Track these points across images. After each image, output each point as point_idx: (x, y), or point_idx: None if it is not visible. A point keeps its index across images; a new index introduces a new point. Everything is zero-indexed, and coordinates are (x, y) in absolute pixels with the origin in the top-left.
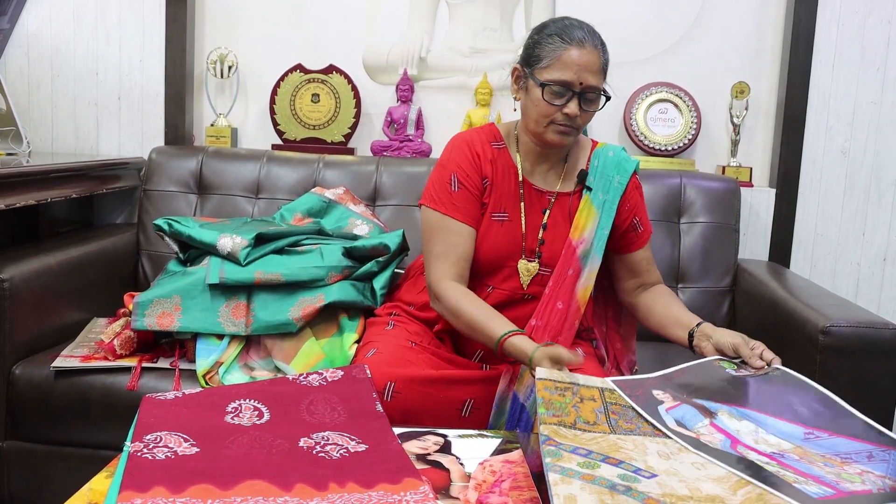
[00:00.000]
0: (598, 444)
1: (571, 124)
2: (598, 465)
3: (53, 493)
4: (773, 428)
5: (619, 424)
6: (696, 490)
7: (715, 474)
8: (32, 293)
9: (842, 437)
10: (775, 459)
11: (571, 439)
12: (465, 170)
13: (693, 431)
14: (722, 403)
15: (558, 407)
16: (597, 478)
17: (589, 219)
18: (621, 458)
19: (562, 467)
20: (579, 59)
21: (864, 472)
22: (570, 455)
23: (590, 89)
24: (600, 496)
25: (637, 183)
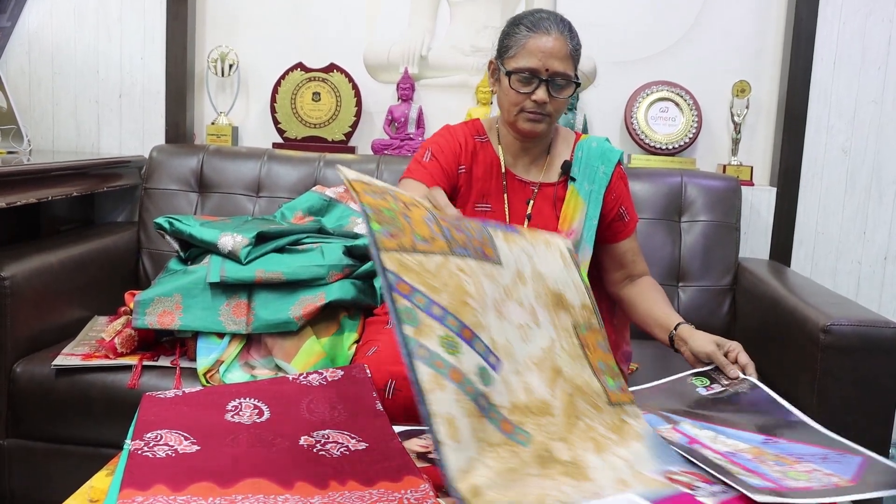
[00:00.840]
0: (446, 285)
1: (541, 111)
2: (459, 346)
3: (54, 490)
4: (733, 435)
5: (453, 236)
6: (528, 391)
7: (535, 352)
8: (33, 291)
9: (802, 443)
10: (726, 457)
11: (419, 273)
12: (442, 149)
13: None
14: (687, 418)
15: (388, 218)
16: (463, 377)
17: (577, 210)
18: (472, 325)
19: (428, 350)
20: (544, 46)
21: (813, 470)
22: (428, 321)
23: (557, 75)
24: (473, 422)
25: (622, 173)
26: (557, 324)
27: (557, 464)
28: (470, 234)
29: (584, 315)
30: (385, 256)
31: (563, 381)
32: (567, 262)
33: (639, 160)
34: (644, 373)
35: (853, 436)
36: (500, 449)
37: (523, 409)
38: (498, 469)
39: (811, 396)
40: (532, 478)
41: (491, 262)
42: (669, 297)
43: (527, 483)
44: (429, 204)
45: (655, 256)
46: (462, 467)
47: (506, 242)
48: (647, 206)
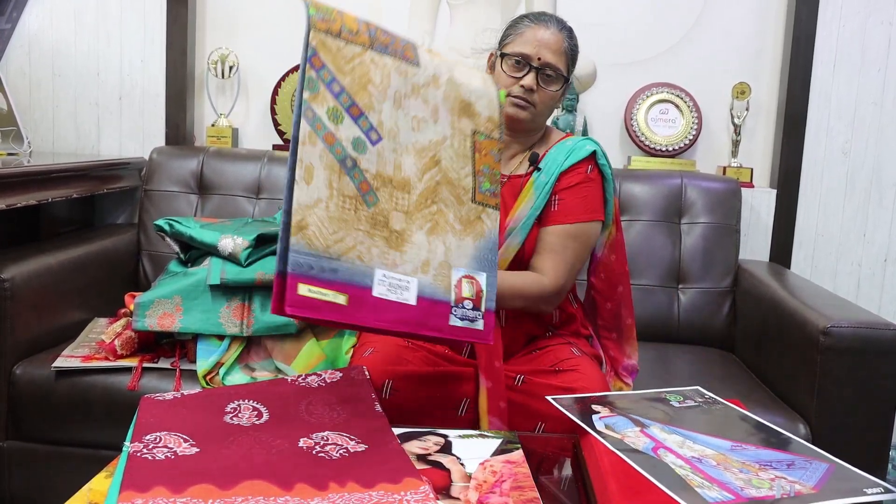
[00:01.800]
0: (353, 70)
1: (527, 98)
2: (343, 119)
3: (54, 492)
4: (701, 440)
5: (377, 35)
6: (398, 169)
7: (422, 142)
8: (33, 293)
9: (769, 449)
10: (691, 464)
11: (334, 55)
12: None
13: (620, 434)
14: (657, 422)
15: (324, 9)
16: (336, 141)
17: (525, 199)
18: (363, 105)
19: (314, 113)
20: (539, 36)
21: (777, 477)
22: (325, 93)
23: (548, 66)
24: (330, 176)
25: (584, 172)
26: (456, 125)
27: (385, 229)
28: (395, 38)
29: (487, 126)
30: (313, 33)
31: (438, 171)
32: (487, 83)
33: (639, 162)
34: (644, 374)
35: (853, 437)
36: (348, 201)
37: (385, 179)
38: (332, 216)
39: (811, 398)
40: (356, 231)
41: (408, 62)
42: (669, 300)
43: (348, 233)
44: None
45: (655, 259)
46: (305, 203)
47: (429, 54)
48: (647, 208)
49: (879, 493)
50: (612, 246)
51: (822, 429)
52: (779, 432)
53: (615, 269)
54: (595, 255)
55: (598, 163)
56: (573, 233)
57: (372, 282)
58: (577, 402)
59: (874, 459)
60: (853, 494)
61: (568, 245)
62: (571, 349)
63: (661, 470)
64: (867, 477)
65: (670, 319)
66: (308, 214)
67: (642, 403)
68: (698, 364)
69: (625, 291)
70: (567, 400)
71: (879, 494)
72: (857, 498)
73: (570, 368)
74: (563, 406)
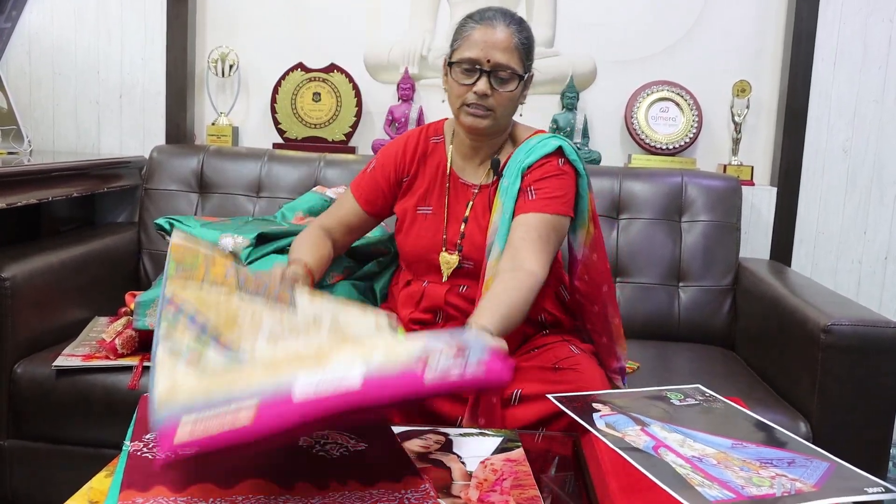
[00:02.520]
0: (218, 310)
1: (483, 104)
2: (208, 344)
3: (55, 491)
4: (701, 439)
5: (247, 285)
6: (284, 350)
7: (315, 343)
8: (34, 292)
9: (770, 447)
10: (691, 463)
11: (194, 299)
12: (385, 163)
13: (620, 432)
14: (658, 420)
15: (189, 265)
16: (202, 360)
17: (496, 209)
18: (232, 339)
19: (173, 343)
20: (486, 37)
21: (777, 475)
22: (186, 328)
23: (500, 67)
24: (199, 376)
25: (556, 164)
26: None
27: (295, 361)
28: (268, 286)
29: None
30: (169, 283)
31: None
32: (381, 327)
33: (639, 160)
34: (644, 372)
35: (854, 435)
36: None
37: (269, 359)
38: (215, 372)
39: (811, 396)
40: (249, 374)
41: (282, 306)
42: (670, 298)
43: (239, 377)
44: (234, 262)
45: (656, 257)
46: (167, 386)
47: (310, 298)
48: (648, 206)
49: (880, 492)
50: (592, 245)
51: (823, 427)
52: (779, 430)
53: (598, 268)
54: (576, 257)
55: (569, 158)
56: (554, 224)
57: (292, 387)
58: (577, 400)
59: (875, 457)
60: (854, 493)
61: (551, 235)
62: (570, 346)
63: (662, 468)
64: (868, 476)
65: (671, 317)
66: (178, 386)
67: (643, 402)
68: (699, 362)
69: (609, 291)
70: (567, 398)
71: (880, 494)
72: (858, 497)
73: (569, 367)
74: (564, 404)
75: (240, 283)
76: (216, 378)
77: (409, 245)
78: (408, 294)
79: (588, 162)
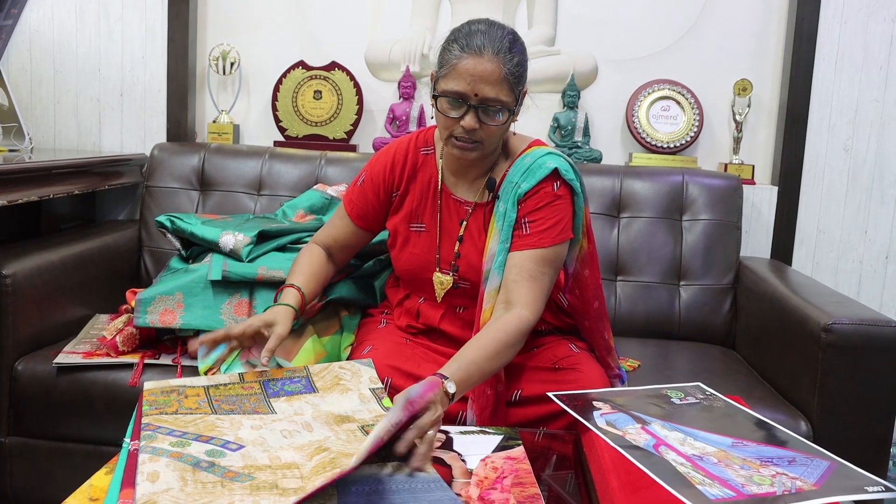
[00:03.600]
0: (196, 425)
1: (472, 138)
2: (189, 444)
3: (56, 488)
4: (702, 437)
5: (221, 407)
6: (275, 459)
7: (299, 442)
8: (35, 289)
9: (770, 445)
10: (692, 461)
11: (171, 423)
12: (374, 177)
13: (621, 430)
14: (658, 419)
15: (161, 402)
16: (184, 455)
17: (492, 234)
18: (213, 435)
19: (153, 448)
20: (474, 69)
21: (778, 474)
22: (164, 437)
23: (488, 101)
24: (182, 473)
25: (551, 190)
26: (337, 428)
27: (276, 489)
28: (242, 405)
29: (376, 419)
30: (144, 417)
31: (329, 453)
32: (365, 398)
33: (640, 159)
34: (645, 371)
35: (854, 434)
36: (209, 486)
37: (260, 467)
38: (189, 494)
39: (812, 395)
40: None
41: (261, 414)
42: (671, 296)
43: (217, 498)
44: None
45: (656, 255)
46: (153, 491)
47: (288, 401)
48: (649, 205)
49: (880, 491)
50: (584, 260)
51: (824, 425)
52: (780, 429)
53: (588, 284)
54: (567, 271)
55: (566, 178)
56: (548, 257)
57: None
58: (578, 398)
59: (875, 456)
60: (854, 492)
61: (545, 271)
62: (569, 345)
63: (663, 467)
64: (868, 475)
65: (671, 316)
66: (158, 499)
67: (643, 400)
68: (699, 361)
69: (600, 307)
70: (568, 396)
71: (880, 493)
72: (859, 495)
73: (569, 367)
74: (565, 402)
75: (214, 408)
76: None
77: (402, 263)
78: (404, 309)
79: (589, 160)
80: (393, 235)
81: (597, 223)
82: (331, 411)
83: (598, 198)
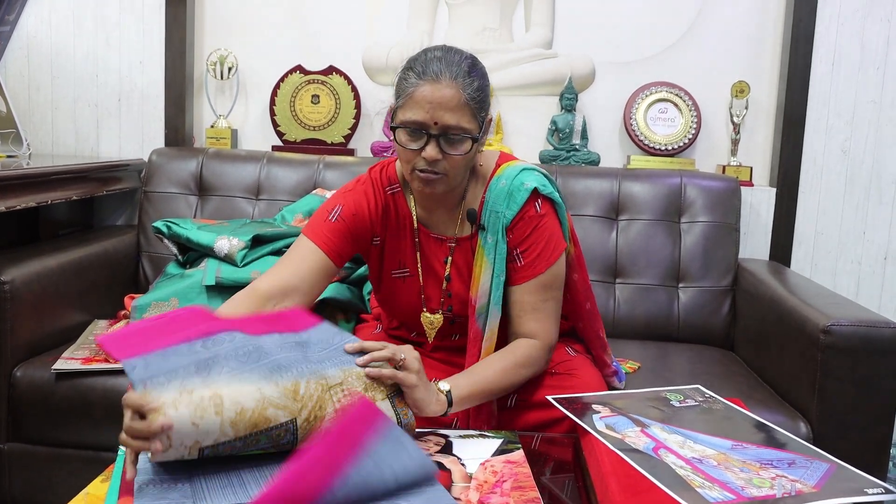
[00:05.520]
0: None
1: (436, 169)
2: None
3: (54, 494)
4: (701, 440)
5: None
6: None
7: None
8: (33, 295)
9: (770, 448)
10: (691, 464)
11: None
12: (356, 214)
13: (620, 434)
14: (658, 421)
15: None
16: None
17: (483, 268)
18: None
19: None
20: (432, 96)
21: (778, 476)
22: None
23: (449, 129)
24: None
25: (534, 213)
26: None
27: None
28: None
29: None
30: None
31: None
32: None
33: (638, 161)
34: (644, 373)
35: (853, 436)
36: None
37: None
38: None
39: (811, 397)
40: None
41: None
42: (669, 299)
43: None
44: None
45: (655, 258)
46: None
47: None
48: (647, 208)
49: (880, 493)
50: (571, 265)
51: (823, 427)
52: (779, 431)
53: (579, 288)
54: None
55: (544, 193)
56: (548, 282)
57: None
58: (577, 401)
59: (875, 457)
60: (854, 494)
61: (548, 297)
62: (566, 348)
63: (662, 470)
64: (868, 477)
65: (670, 318)
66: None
67: (643, 403)
68: (698, 363)
69: (592, 307)
70: (567, 400)
71: (880, 494)
72: (858, 497)
73: (566, 371)
74: (564, 406)
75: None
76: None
77: (388, 308)
78: (395, 336)
79: (587, 163)
80: (375, 281)
81: (595, 226)
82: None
83: (596, 200)
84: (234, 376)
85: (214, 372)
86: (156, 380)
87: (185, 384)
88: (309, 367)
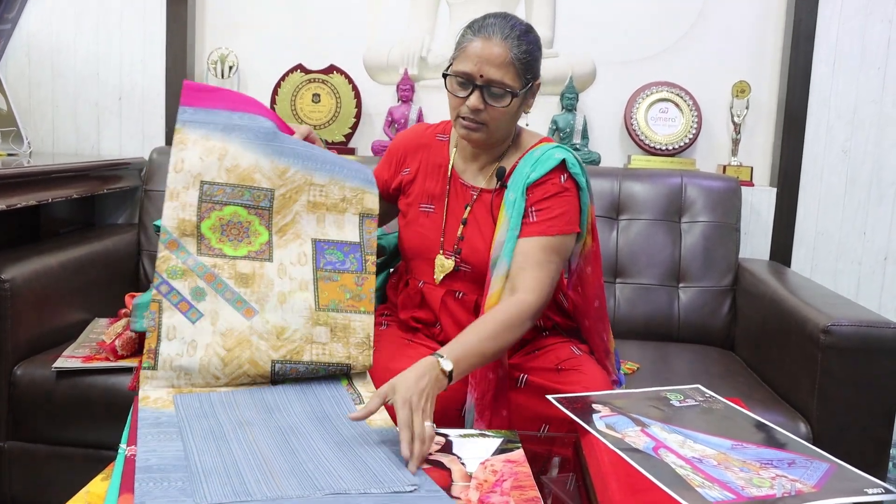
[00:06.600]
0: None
1: (476, 118)
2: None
3: (55, 493)
4: (701, 440)
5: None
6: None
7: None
8: (34, 294)
9: (770, 448)
10: (691, 464)
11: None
12: (393, 151)
13: (620, 433)
14: (658, 421)
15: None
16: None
17: (502, 221)
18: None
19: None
20: (481, 51)
21: (778, 476)
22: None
23: (493, 83)
24: None
25: (557, 182)
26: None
27: None
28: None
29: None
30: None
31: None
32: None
33: (639, 161)
34: (644, 373)
35: (853, 436)
36: None
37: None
38: None
39: (811, 397)
40: None
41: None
42: (670, 298)
43: None
44: None
45: (655, 257)
46: None
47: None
48: (647, 207)
49: (880, 493)
50: (587, 257)
51: (823, 427)
52: (779, 431)
53: (591, 283)
54: (570, 267)
55: (572, 172)
56: (555, 246)
57: None
58: (577, 401)
59: (875, 457)
60: (854, 494)
61: (551, 259)
62: (571, 348)
63: (662, 469)
64: (867, 477)
65: (670, 318)
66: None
67: (643, 402)
68: (699, 363)
69: (601, 307)
70: (567, 399)
71: (880, 494)
72: (858, 497)
73: (572, 368)
74: (564, 405)
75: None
76: None
77: (408, 241)
78: (407, 296)
79: (588, 163)
80: (404, 213)
81: (596, 225)
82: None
83: (597, 200)
84: (244, 144)
85: (234, 136)
86: (191, 125)
87: (209, 135)
88: (304, 164)
